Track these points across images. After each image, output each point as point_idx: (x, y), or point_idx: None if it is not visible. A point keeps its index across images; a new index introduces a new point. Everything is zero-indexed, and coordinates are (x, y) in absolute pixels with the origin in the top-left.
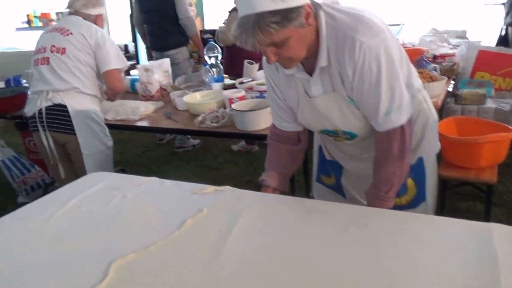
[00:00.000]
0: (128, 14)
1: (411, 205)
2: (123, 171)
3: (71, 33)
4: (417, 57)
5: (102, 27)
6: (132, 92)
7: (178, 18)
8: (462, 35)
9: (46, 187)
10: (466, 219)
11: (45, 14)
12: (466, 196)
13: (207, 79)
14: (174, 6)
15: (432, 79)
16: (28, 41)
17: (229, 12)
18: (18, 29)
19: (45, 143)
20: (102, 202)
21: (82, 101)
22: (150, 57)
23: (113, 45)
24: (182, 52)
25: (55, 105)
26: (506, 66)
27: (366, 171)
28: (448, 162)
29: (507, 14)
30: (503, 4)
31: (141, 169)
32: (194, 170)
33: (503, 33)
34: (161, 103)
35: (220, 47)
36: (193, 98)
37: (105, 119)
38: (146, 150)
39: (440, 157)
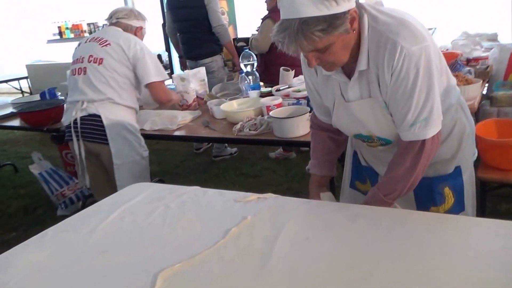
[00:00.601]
0: (160, 24)
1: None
2: (162, 181)
3: (109, 44)
4: (451, 60)
5: (142, 40)
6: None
7: (212, 27)
8: (493, 38)
9: (85, 200)
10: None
11: (77, 25)
12: (505, 198)
13: (244, 87)
14: (207, 15)
15: (468, 82)
16: (60, 53)
17: (261, 19)
18: (50, 41)
19: (77, 152)
20: (145, 213)
21: (117, 111)
22: (183, 66)
23: (153, 58)
24: (217, 61)
25: (89, 115)
26: None
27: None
28: (487, 164)
29: None
30: None
31: (179, 179)
32: (232, 178)
33: None
34: (199, 112)
35: (255, 54)
36: (231, 106)
37: (143, 129)
38: (184, 160)
39: (478, 159)
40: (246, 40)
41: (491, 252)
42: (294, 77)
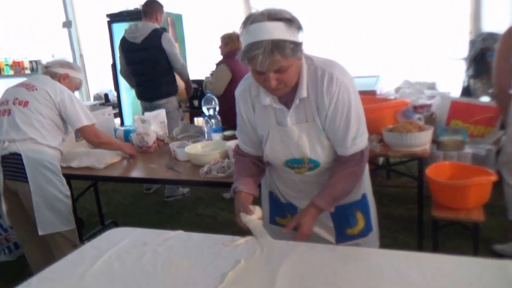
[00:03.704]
0: (110, 64)
1: (362, 234)
2: (115, 223)
3: (36, 89)
4: (403, 108)
5: (69, 87)
6: (126, 143)
7: (173, 68)
8: (432, 86)
9: None
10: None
11: (18, 62)
12: (450, 235)
13: (206, 130)
14: (164, 57)
15: (421, 129)
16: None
17: (216, 64)
18: None
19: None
20: (133, 258)
21: (38, 150)
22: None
23: (80, 104)
24: (172, 102)
25: (10, 153)
26: (476, 114)
27: None
28: (439, 204)
29: (468, 68)
30: (464, 59)
31: (132, 220)
32: (188, 219)
33: (465, 84)
34: (125, 154)
35: None
36: (195, 148)
37: (71, 167)
38: (134, 200)
39: (430, 199)
40: (197, 82)
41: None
42: None
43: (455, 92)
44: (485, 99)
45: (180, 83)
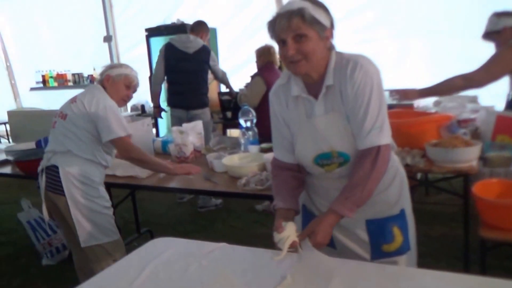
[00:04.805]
0: (146, 76)
1: (399, 252)
2: (150, 232)
3: (75, 101)
4: (447, 122)
5: (118, 89)
6: (163, 153)
7: (215, 77)
8: (474, 100)
9: None
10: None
11: (62, 74)
12: (495, 257)
13: (243, 142)
14: (207, 70)
15: (467, 144)
16: (42, 101)
17: (251, 76)
18: (32, 88)
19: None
20: (179, 269)
21: (75, 163)
22: (158, 116)
23: (116, 116)
24: (206, 112)
25: (51, 165)
26: None
27: (353, 222)
28: (487, 224)
29: None
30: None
31: (166, 230)
32: (221, 230)
33: (510, 98)
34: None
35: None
36: (232, 160)
37: (115, 175)
38: (168, 209)
39: (477, 218)
40: (231, 94)
41: None
42: None
43: (499, 106)
44: None
45: (212, 95)
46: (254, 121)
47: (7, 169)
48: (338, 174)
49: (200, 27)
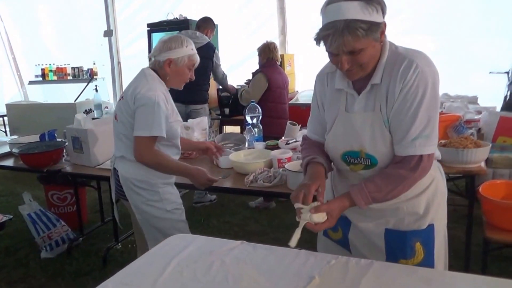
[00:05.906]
0: None
1: None
2: None
3: (123, 97)
4: (455, 122)
5: (179, 72)
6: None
7: (215, 77)
8: (474, 101)
9: (71, 243)
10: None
11: (61, 68)
12: (495, 257)
13: (248, 138)
14: (211, 67)
15: (477, 145)
16: (41, 94)
17: (252, 73)
18: (31, 82)
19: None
20: (202, 267)
21: (128, 168)
22: None
23: (149, 111)
24: (205, 108)
25: (114, 169)
26: None
27: (371, 228)
28: (492, 225)
29: (510, 81)
30: (507, 72)
31: None
32: (217, 226)
33: (508, 98)
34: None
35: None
36: (238, 156)
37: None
38: None
39: (481, 219)
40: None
41: None
42: (299, 130)
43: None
44: None
45: (211, 91)
46: (260, 117)
47: (9, 162)
48: (362, 176)
49: (206, 24)
